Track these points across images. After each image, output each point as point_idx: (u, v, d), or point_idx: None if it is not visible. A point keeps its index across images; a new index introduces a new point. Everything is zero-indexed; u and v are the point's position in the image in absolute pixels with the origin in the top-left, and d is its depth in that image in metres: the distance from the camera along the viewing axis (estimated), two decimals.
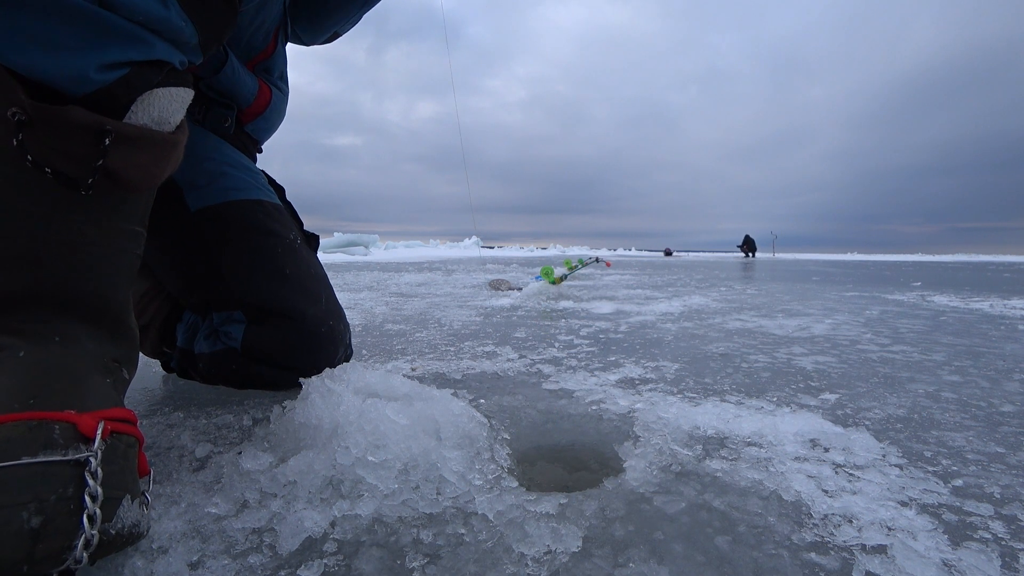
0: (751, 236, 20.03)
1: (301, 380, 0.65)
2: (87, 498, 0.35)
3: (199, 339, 0.83)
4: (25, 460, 0.33)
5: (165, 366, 0.95)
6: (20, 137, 0.38)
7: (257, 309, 0.77)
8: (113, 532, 0.37)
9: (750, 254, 19.31)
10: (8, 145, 0.38)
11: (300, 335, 0.79)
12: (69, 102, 0.40)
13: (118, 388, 0.49)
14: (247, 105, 0.88)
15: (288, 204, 0.94)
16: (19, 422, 0.35)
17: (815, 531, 0.46)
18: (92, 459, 0.36)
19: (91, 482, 0.35)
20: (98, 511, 0.35)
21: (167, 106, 0.45)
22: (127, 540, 0.38)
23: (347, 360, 0.92)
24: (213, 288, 0.79)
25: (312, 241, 0.93)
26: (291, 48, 1.03)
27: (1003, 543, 0.44)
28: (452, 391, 0.81)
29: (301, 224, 0.93)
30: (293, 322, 0.78)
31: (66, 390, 0.40)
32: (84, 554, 0.34)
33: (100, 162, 0.41)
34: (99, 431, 0.38)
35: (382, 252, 11.96)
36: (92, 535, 0.34)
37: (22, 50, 0.37)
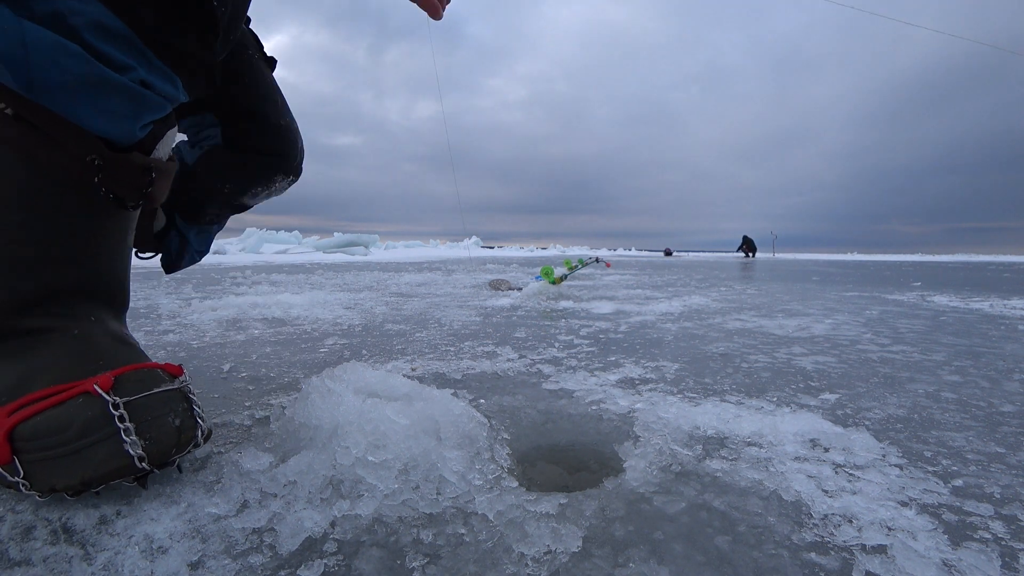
0: (750, 237, 20.01)
1: (301, 381, 0.65)
2: (195, 407, 0.54)
3: (185, 151, 0.93)
4: (157, 390, 0.50)
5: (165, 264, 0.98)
6: (100, 176, 0.52)
7: (226, 112, 0.90)
8: (208, 428, 0.55)
9: (750, 254, 19.30)
10: (78, 178, 0.52)
11: (266, 127, 0.92)
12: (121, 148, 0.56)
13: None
14: None
15: (250, 30, 1.02)
16: (137, 370, 0.51)
17: (815, 531, 0.46)
18: (189, 385, 0.55)
19: (193, 397, 0.54)
20: (203, 414, 0.54)
21: (169, 143, 0.62)
22: (208, 437, 0.56)
23: (299, 168, 1.01)
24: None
25: (271, 62, 1.03)
26: (290, 47, 1.05)
27: (1003, 543, 0.44)
28: (452, 391, 0.81)
29: (261, 46, 1.03)
30: (255, 119, 0.91)
31: (125, 355, 0.55)
32: (202, 440, 0.53)
33: (149, 189, 0.57)
34: (184, 372, 0.56)
35: (382, 252, 11.95)
36: (205, 428, 0.54)
37: (98, 118, 0.52)
